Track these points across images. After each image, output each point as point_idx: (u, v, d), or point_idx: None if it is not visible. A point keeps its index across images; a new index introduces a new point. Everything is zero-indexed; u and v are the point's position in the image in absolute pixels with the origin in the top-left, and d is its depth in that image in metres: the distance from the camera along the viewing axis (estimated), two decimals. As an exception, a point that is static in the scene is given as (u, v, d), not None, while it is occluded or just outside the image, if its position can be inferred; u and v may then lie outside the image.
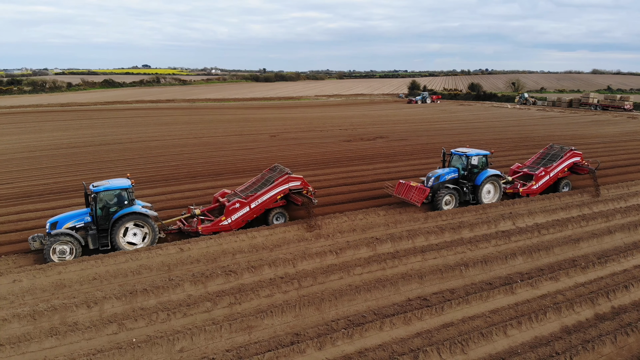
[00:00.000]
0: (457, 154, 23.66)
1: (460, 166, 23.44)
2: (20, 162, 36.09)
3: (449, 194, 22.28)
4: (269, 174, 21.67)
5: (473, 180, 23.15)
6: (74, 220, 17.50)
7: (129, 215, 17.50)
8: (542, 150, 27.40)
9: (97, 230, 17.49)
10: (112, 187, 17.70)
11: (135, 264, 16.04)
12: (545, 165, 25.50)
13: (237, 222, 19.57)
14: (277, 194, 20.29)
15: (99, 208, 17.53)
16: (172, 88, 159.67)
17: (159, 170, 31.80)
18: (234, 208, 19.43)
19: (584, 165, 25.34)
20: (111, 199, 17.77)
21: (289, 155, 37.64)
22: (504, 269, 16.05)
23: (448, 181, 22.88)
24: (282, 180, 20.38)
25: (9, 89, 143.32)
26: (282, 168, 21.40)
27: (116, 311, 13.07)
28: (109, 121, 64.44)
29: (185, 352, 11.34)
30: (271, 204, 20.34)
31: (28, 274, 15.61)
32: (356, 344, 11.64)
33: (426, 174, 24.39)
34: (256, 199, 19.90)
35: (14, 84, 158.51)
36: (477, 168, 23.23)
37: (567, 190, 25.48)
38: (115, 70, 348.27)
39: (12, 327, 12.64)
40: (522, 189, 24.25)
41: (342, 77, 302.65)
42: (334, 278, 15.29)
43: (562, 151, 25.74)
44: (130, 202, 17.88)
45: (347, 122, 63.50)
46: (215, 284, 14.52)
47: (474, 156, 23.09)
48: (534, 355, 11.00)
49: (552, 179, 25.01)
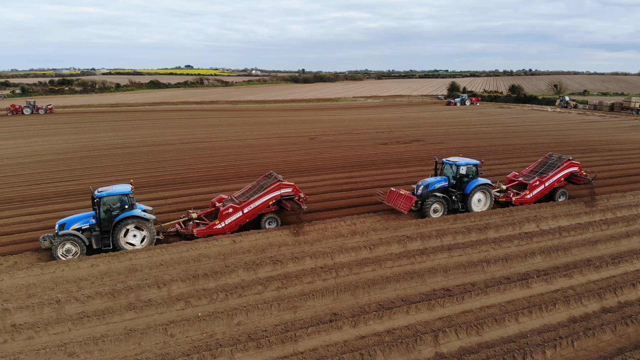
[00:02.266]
0: (447, 163, 24.28)
1: (451, 175, 24.02)
2: (82, 161, 39.55)
3: (437, 202, 22.99)
4: (263, 180, 22.75)
5: (463, 189, 23.77)
6: (80, 222, 19.24)
7: (129, 219, 19.15)
8: (541, 159, 27.65)
9: (100, 232, 19.13)
10: (114, 192, 19.32)
11: (196, 253, 18.53)
12: (542, 174, 25.84)
13: (230, 226, 20.81)
14: (269, 200, 21.36)
15: (102, 211, 19.14)
16: (215, 89, 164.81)
17: (209, 170, 34.53)
18: (227, 213, 20.69)
19: (582, 175, 25.54)
20: (113, 203, 19.32)
21: (327, 158, 39.69)
22: (523, 266, 17.63)
23: (437, 189, 23.50)
24: (274, 187, 21.41)
25: (61, 89, 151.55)
26: (275, 175, 22.52)
27: (182, 291, 15.50)
28: (158, 122, 68.27)
29: (242, 325, 13.60)
30: (263, 209, 21.42)
31: (104, 260, 18.30)
32: (385, 324, 13.60)
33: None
34: (249, 204, 21.05)
35: (65, 84, 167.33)
36: (467, 177, 23.80)
37: (564, 199, 25.75)
38: (159, 70, 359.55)
39: (95, 302, 15.21)
40: (515, 198, 24.78)
41: (381, 77, 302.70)
42: (368, 270, 17.28)
43: (560, 161, 26.01)
44: (130, 206, 19.47)
45: (384, 125, 65.03)
46: (264, 271, 16.80)
47: (463, 165, 23.66)
48: (539, 338, 12.68)
49: (548, 188, 25.35)
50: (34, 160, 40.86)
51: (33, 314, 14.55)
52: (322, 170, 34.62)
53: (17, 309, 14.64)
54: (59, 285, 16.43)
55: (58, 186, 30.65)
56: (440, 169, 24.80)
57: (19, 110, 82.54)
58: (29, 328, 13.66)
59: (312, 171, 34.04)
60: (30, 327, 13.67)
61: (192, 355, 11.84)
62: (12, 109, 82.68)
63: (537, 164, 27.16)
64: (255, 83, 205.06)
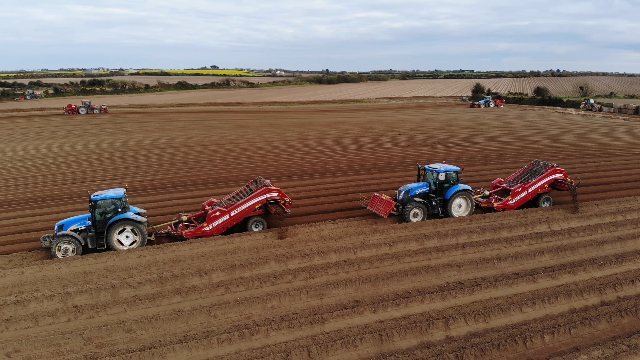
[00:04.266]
0: (429, 169, 25.05)
1: (432, 181, 24.77)
2: (120, 161, 42.13)
3: (416, 207, 23.93)
4: (252, 185, 23.96)
5: (443, 194, 24.63)
6: (77, 224, 20.68)
7: (122, 221, 20.54)
8: (527, 165, 28.14)
9: (95, 233, 20.56)
10: (108, 196, 20.71)
11: (232, 246, 20.54)
12: (526, 180, 26.37)
13: (217, 228, 22.01)
14: (255, 203, 22.43)
15: (97, 214, 20.49)
16: (241, 91, 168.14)
17: (239, 171, 36.62)
18: (214, 216, 21.92)
19: (566, 182, 26.05)
20: (107, 206, 20.67)
21: (350, 160, 41.37)
22: (531, 263, 19.05)
23: (418, 195, 24.33)
24: (260, 191, 22.54)
25: (93, 89, 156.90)
26: (263, 180, 23.69)
27: (221, 279, 17.45)
28: (188, 123, 71.00)
29: (275, 309, 15.46)
30: (250, 213, 22.53)
31: (150, 251, 20.43)
32: (402, 311, 15.27)
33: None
34: (235, 208, 22.18)
35: (96, 84, 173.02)
36: (447, 183, 24.54)
37: (548, 205, 26.34)
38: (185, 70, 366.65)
39: (146, 288, 17.25)
40: (497, 203, 25.47)
41: (405, 77, 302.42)
42: (387, 264, 18.95)
43: (545, 167, 26.51)
44: (123, 209, 20.80)
45: (407, 127, 66.30)
46: (293, 263, 18.66)
47: (443, 172, 24.44)
48: (540, 325, 14.19)
49: (531, 194, 25.90)
50: (74, 159, 43.62)
51: (91, 297, 16.66)
52: (346, 171, 36.32)
53: (77, 293, 16.78)
54: (112, 273, 18.56)
55: (100, 185, 33.05)
56: (423, 175, 25.55)
57: (75, 110, 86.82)
58: (89, 309, 15.74)
59: (336, 173, 35.78)
60: (91, 308, 15.75)
61: (233, 333, 13.72)
62: (69, 109, 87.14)
63: (523, 170, 27.72)
64: (280, 84, 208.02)
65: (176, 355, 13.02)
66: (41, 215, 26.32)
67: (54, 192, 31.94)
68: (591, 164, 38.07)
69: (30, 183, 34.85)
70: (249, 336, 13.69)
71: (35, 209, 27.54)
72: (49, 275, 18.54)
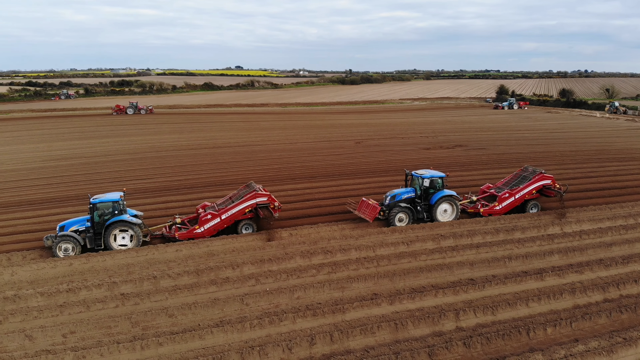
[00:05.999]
0: (415, 175, 25.72)
1: (418, 187, 25.53)
2: (154, 161, 44.36)
3: (401, 212, 24.76)
4: (244, 190, 24.95)
5: (429, 200, 25.45)
6: (77, 225, 22.08)
7: (118, 223, 21.92)
8: (517, 171, 28.56)
9: (94, 234, 21.94)
10: (106, 199, 22.18)
11: (261, 243, 22.30)
12: (514, 186, 26.80)
13: (209, 231, 23.12)
14: (245, 207, 23.44)
15: (96, 216, 21.89)
16: (265, 92, 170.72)
17: (265, 172, 38.41)
18: (206, 219, 23.06)
19: (554, 188, 26.49)
20: (105, 208, 22.04)
21: (371, 162, 42.73)
22: (541, 263, 20.24)
23: (404, 200, 25.09)
24: (250, 196, 23.59)
25: (122, 90, 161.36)
26: (253, 185, 24.61)
27: (252, 272, 19.16)
28: (215, 125, 73.31)
29: (301, 299, 17.08)
30: (240, 216, 23.56)
31: (186, 246, 22.27)
32: (416, 303, 16.71)
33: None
34: (226, 211, 23.27)
35: (124, 85, 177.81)
36: (432, 189, 25.34)
37: (536, 211, 26.91)
38: (210, 71, 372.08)
39: (184, 279, 19.05)
40: (483, 209, 26.15)
41: (430, 77, 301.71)
42: (404, 262, 20.39)
43: (533, 174, 26.97)
44: (120, 211, 22.14)
45: (429, 129, 67.17)
46: (317, 259, 20.28)
47: (427, 178, 25.19)
48: (543, 318, 15.47)
49: (518, 200, 26.43)
50: (109, 159, 46.04)
51: (135, 286, 18.52)
52: (367, 173, 37.74)
53: (122, 282, 18.66)
54: (152, 265, 20.43)
55: (137, 184, 35.22)
56: (410, 181, 26.35)
57: (123, 110, 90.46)
58: (134, 296, 17.58)
59: (358, 174, 37.24)
60: (136, 296, 17.59)
61: (264, 319, 15.39)
62: (117, 109, 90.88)
63: (513, 176, 28.18)
64: (304, 85, 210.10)
65: (213, 337, 14.74)
66: (83, 212, 28.40)
67: (93, 190, 34.09)
68: (609, 168, 38.70)
69: (70, 182, 37.16)
70: (278, 322, 15.33)
71: (77, 207, 29.66)
72: (95, 267, 20.50)
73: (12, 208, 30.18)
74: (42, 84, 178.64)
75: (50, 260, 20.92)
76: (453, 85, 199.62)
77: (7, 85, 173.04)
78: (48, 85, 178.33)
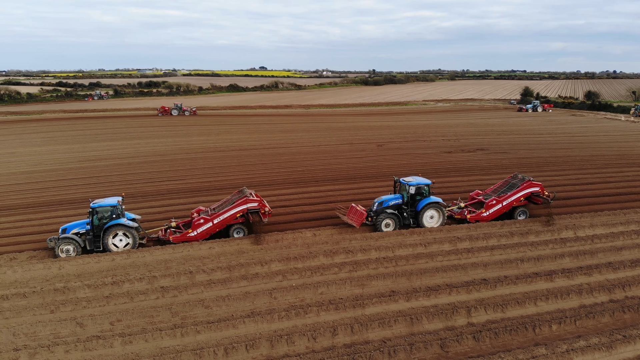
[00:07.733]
0: (403, 182, 26.47)
1: (405, 193, 26.28)
2: (184, 163, 46.40)
3: (388, 218, 25.52)
4: (237, 195, 25.96)
5: (415, 206, 26.21)
6: (78, 228, 23.32)
7: (116, 226, 23.07)
8: (507, 178, 29.13)
9: (93, 236, 23.11)
10: (105, 204, 23.31)
11: (286, 242, 23.92)
12: (502, 193, 27.33)
13: (202, 234, 24.31)
14: (236, 212, 24.47)
15: (95, 219, 23.04)
16: (289, 93, 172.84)
17: (289, 174, 40.06)
18: (199, 223, 24.20)
19: (542, 195, 26.95)
20: (104, 212, 23.22)
21: (392, 165, 43.89)
22: (552, 265, 21.33)
23: (391, 206, 25.87)
24: (241, 201, 24.58)
25: (150, 91, 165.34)
26: (245, 191, 25.67)
27: (279, 269, 20.77)
28: (241, 127, 75.40)
29: (324, 294, 18.61)
30: (232, 220, 24.63)
31: (219, 244, 24.05)
32: (431, 300, 18.06)
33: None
34: (218, 216, 24.39)
35: (152, 86, 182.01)
36: (419, 195, 26.06)
37: (524, 218, 27.46)
38: (235, 72, 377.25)
39: (217, 274, 20.74)
40: (470, 215, 26.76)
41: (454, 77, 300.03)
42: (421, 262, 21.73)
43: (522, 181, 27.49)
44: (118, 215, 23.27)
45: (451, 132, 67.79)
46: (339, 258, 21.79)
47: (414, 185, 25.86)
48: (549, 316, 16.66)
49: (506, 207, 27.06)
50: (142, 160, 48.29)
51: (173, 280, 20.28)
52: (389, 176, 38.84)
53: (161, 277, 20.44)
54: (188, 261, 22.20)
55: (169, 184, 37.25)
56: (398, 187, 27.13)
57: (168, 112, 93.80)
58: (173, 289, 19.33)
59: (379, 177, 38.52)
60: (174, 289, 19.34)
61: (291, 311, 16.96)
62: (162, 110, 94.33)
63: (502, 183, 28.76)
64: (327, 86, 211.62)
65: (245, 326, 16.37)
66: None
67: (128, 190, 36.22)
68: (628, 173, 39.16)
69: (107, 182, 39.36)
70: (303, 314, 16.88)
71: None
72: (136, 262, 22.34)
73: (54, 207, 32.38)
74: (72, 85, 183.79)
75: (94, 255, 22.85)
76: (478, 86, 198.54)
77: (38, 86, 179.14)
78: (78, 85, 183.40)
